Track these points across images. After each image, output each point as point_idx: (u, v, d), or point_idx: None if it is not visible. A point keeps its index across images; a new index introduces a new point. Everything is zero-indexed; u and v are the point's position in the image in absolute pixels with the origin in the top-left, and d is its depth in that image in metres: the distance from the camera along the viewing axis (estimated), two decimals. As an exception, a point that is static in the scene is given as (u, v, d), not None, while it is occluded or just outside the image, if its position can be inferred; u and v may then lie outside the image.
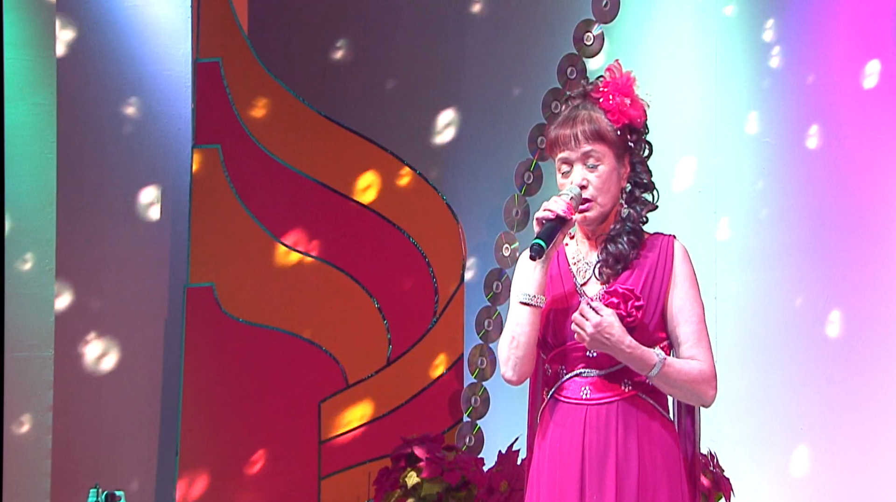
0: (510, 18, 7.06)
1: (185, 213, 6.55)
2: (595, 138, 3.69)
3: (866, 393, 6.24)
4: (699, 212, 6.57)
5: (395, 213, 6.59)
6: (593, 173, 3.70)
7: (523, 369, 3.72)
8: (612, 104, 3.72)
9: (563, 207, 3.62)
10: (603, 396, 3.67)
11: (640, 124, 3.76)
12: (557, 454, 3.68)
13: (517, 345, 3.70)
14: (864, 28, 6.33)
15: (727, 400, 6.40)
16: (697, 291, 3.75)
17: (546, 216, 3.63)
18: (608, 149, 3.71)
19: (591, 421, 3.66)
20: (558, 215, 3.62)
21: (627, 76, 3.76)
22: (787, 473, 6.36)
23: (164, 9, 6.66)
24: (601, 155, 3.70)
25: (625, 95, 3.73)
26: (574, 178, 3.70)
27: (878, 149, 6.29)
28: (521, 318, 3.69)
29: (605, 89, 3.74)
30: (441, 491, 5.96)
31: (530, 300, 3.68)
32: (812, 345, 6.36)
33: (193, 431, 6.38)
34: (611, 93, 3.73)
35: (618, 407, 3.66)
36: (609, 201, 3.72)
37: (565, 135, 3.71)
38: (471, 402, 6.46)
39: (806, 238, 6.41)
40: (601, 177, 3.70)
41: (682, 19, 6.71)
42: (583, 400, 3.68)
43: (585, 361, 3.69)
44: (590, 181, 3.70)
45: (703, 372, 3.68)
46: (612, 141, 3.71)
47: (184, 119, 6.64)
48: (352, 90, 7.15)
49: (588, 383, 3.68)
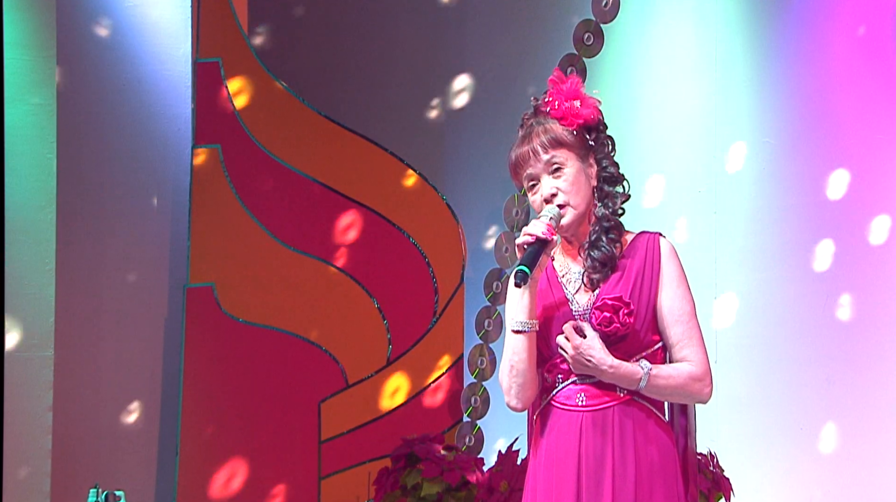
0: (510, 18, 7.06)
1: (185, 213, 6.55)
2: (553, 145, 3.70)
3: (866, 393, 6.24)
4: (699, 212, 6.57)
5: (395, 213, 6.59)
6: (560, 178, 3.70)
7: (527, 395, 3.73)
8: (562, 110, 3.72)
9: (543, 229, 3.62)
10: (598, 403, 3.66)
11: (594, 121, 3.75)
12: (554, 460, 3.68)
13: (516, 372, 3.70)
14: (864, 28, 6.33)
15: (727, 400, 6.40)
16: (687, 288, 3.75)
17: (526, 241, 3.63)
18: (569, 152, 3.71)
19: (586, 427, 3.66)
20: (538, 237, 3.62)
21: (572, 80, 3.76)
22: (787, 473, 6.36)
23: (164, 9, 6.66)
24: (563, 159, 3.70)
25: (573, 98, 3.73)
26: (543, 191, 3.70)
27: (878, 149, 6.29)
28: (517, 346, 3.69)
29: (551, 98, 3.74)
30: (441, 491, 5.96)
31: (523, 327, 3.68)
32: (812, 345, 6.36)
33: (193, 431, 6.38)
34: (556, 100, 3.73)
35: (613, 413, 3.66)
36: (582, 201, 3.71)
37: (524, 153, 3.72)
38: (471, 402, 6.46)
39: (806, 238, 6.40)
40: (568, 179, 3.70)
41: (682, 19, 6.70)
42: (578, 407, 3.68)
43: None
44: (559, 187, 3.70)
45: (692, 373, 3.68)
46: (571, 143, 3.71)
47: (184, 119, 6.64)
48: (352, 90, 7.14)
49: (583, 390, 3.68)
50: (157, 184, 6.67)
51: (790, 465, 6.35)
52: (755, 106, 6.55)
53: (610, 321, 3.62)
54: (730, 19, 6.61)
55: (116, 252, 6.57)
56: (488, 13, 7.05)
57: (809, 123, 6.44)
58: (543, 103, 3.76)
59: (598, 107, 3.77)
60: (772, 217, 6.49)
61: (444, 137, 7.11)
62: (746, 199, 6.54)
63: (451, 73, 7.12)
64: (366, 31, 7.18)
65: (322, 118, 6.62)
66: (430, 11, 7.14)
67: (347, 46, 7.18)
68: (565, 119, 3.72)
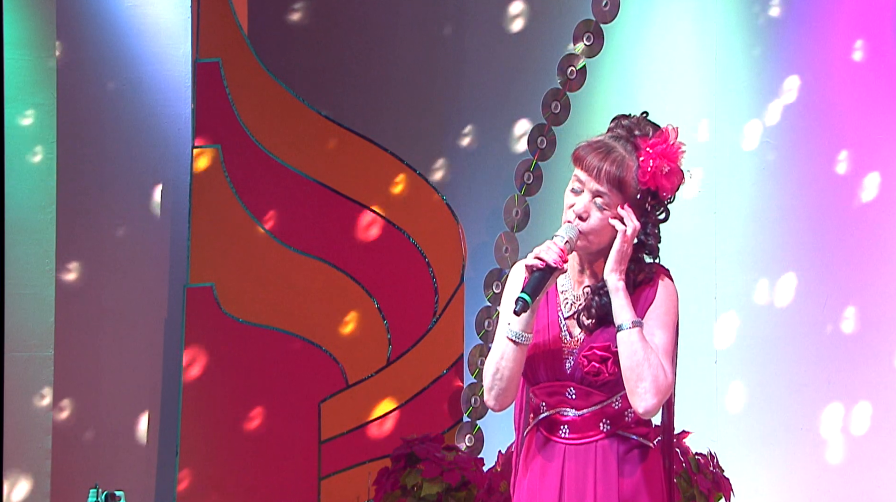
0: (510, 18, 7.06)
1: (185, 213, 6.55)
2: (614, 184, 3.59)
3: (867, 393, 6.24)
4: (699, 212, 6.57)
5: (395, 213, 6.59)
6: (597, 212, 3.60)
7: (506, 400, 3.68)
8: (649, 164, 3.60)
9: (555, 257, 3.54)
10: (580, 437, 3.64)
11: (667, 195, 3.66)
12: (538, 486, 3.67)
13: (501, 377, 3.65)
14: (864, 28, 6.33)
15: (727, 401, 6.41)
16: (669, 326, 3.62)
17: (536, 265, 3.56)
18: (622, 201, 3.61)
19: (569, 459, 3.62)
20: (548, 265, 3.56)
21: (677, 145, 3.64)
22: (787, 473, 6.36)
23: (164, 9, 6.66)
24: (611, 203, 3.60)
25: (667, 160, 3.62)
26: (577, 205, 3.61)
27: (877, 149, 6.29)
28: (507, 354, 3.63)
29: (650, 149, 3.62)
30: (441, 492, 5.96)
31: (517, 338, 3.62)
32: (812, 345, 6.36)
33: (193, 431, 6.38)
34: (654, 154, 3.61)
35: (596, 448, 3.62)
36: (598, 244, 3.62)
37: (591, 164, 3.60)
38: (471, 402, 6.46)
39: (806, 238, 6.40)
40: (602, 220, 3.60)
41: (682, 19, 6.70)
42: (561, 439, 3.66)
43: (565, 401, 3.65)
44: (591, 216, 3.60)
45: (659, 373, 3.54)
46: (630, 196, 3.61)
47: (184, 119, 6.64)
48: (352, 90, 7.14)
49: (567, 422, 3.65)
50: (157, 184, 6.67)
51: (790, 466, 6.35)
52: (755, 106, 6.55)
53: (598, 372, 3.58)
54: (730, 19, 6.61)
55: (116, 252, 6.57)
56: (488, 12, 7.05)
57: (809, 123, 6.44)
58: (643, 139, 3.63)
59: (678, 183, 3.66)
60: (772, 217, 6.49)
61: (444, 137, 7.11)
62: (746, 199, 6.54)
63: (450, 73, 7.12)
64: (365, 31, 7.18)
65: (322, 118, 6.62)
66: (430, 10, 7.14)
67: (348, 46, 7.18)
68: (644, 173, 3.61)
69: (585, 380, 3.62)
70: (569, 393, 3.65)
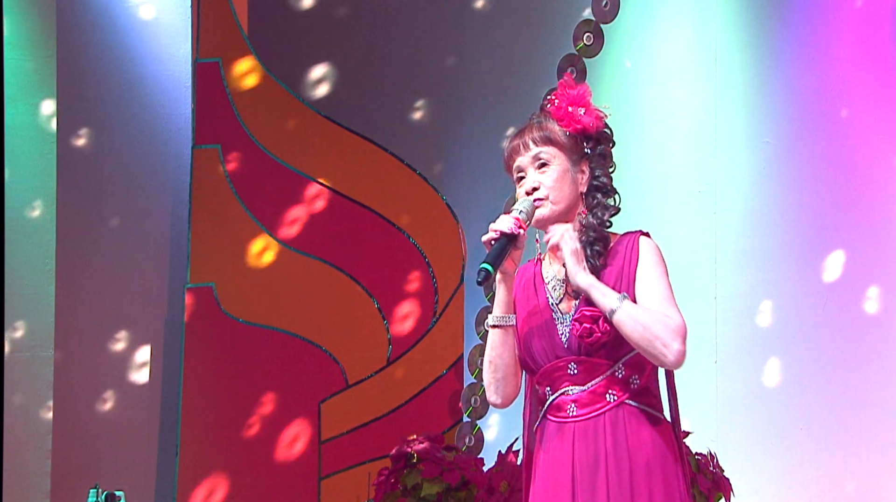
0: (510, 18, 7.07)
1: (185, 213, 6.55)
2: (544, 141, 3.70)
3: (867, 393, 6.24)
4: (699, 212, 6.57)
5: (395, 213, 6.59)
6: (543, 173, 3.68)
7: (506, 391, 3.72)
8: (562, 111, 3.72)
9: (510, 224, 3.58)
10: (588, 411, 3.64)
11: (594, 130, 3.74)
12: (550, 473, 3.67)
13: (495, 368, 3.70)
14: (863, 28, 6.33)
15: (727, 401, 6.41)
16: (662, 276, 3.65)
17: (492, 237, 3.59)
18: (559, 152, 3.70)
19: (578, 436, 3.64)
20: (503, 233, 3.58)
21: (582, 87, 3.75)
22: (787, 473, 6.36)
23: (164, 9, 6.67)
24: (551, 156, 3.69)
25: (577, 105, 3.73)
26: (526, 183, 3.69)
27: (878, 149, 6.29)
28: (494, 341, 3.69)
29: (555, 98, 3.74)
30: (441, 491, 5.96)
31: (499, 321, 3.67)
32: (812, 345, 6.36)
33: (193, 431, 6.38)
34: (561, 103, 3.73)
35: (605, 419, 3.63)
36: (562, 200, 3.68)
37: (516, 145, 3.73)
38: (471, 402, 6.46)
39: (806, 238, 6.41)
40: (552, 176, 3.67)
41: (682, 19, 6.71)
42: (570, 418, 3.66)
43: (568, 379, 3.66)
44: (541, 181, 3.68)
45: (667, 320, 3.55)
46: (563, 144, 3.70)
47: (184, 119, 6.64)
48: (352, 90, 7.15)
49: (573, 400, 3.66)
50: (157, 184, 6.67)
51: (790, 465, 6.35)
52: (755, 106, 6.56)
53: (590, 332, 3.59)
54: (729, 19, 6.61)
55: (116, 252, 6.58)
56: (488, 13, 7.05)
57: (809, 123, 6.45)
58: (547, 101, 3.76)
59: (601, 118, 3.75)
60: (772, 217, 6.49)
61: (444, 137, 7.11)
62: (746, 199, 6.54)
63: (451, 73, 7.12)
64: (366, 31, 7.19)
65: (322, 118, 6.62)
66: (431, 12, 7.15)
67: (348, 46, 7.18)
68: (564, 121, 3.72)
69: (583, 348, 3.63)
70: (570, 370, 3.65)
